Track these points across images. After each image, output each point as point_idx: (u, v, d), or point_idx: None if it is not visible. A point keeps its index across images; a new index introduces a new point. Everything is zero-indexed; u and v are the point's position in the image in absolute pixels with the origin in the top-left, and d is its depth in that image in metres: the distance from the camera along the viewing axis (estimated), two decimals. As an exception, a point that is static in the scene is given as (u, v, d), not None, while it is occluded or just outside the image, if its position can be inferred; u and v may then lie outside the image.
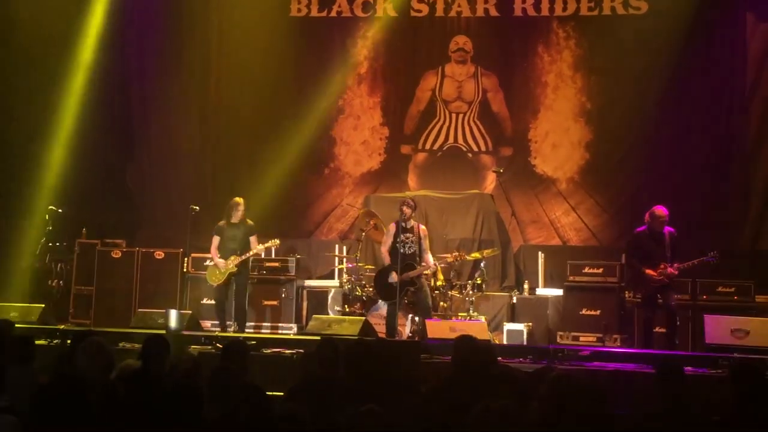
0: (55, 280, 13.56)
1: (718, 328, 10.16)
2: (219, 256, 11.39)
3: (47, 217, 12.13)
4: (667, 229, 10.46)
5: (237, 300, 11.44)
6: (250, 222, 11.59)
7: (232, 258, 11.31)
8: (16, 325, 9.52)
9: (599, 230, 14.31)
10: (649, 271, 10.36)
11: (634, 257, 10.65)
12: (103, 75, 14.69)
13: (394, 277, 10.85)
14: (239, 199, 11.54)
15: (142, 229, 14.73)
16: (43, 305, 11.48)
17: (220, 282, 11.36)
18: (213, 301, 12.02)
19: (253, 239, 11.44)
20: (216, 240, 11.51)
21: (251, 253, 11.42)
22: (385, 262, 11.19)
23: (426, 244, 11.05)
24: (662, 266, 10.33)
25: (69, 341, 9.21)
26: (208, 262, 11.62)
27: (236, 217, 11.44)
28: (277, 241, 11.74)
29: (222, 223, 11.56)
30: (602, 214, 14.34)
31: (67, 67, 14.43)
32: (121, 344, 9.30)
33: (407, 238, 10.89)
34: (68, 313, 13.14)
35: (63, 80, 14.35)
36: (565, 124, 14.54)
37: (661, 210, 10.45)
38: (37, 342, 8.86)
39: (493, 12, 14.73)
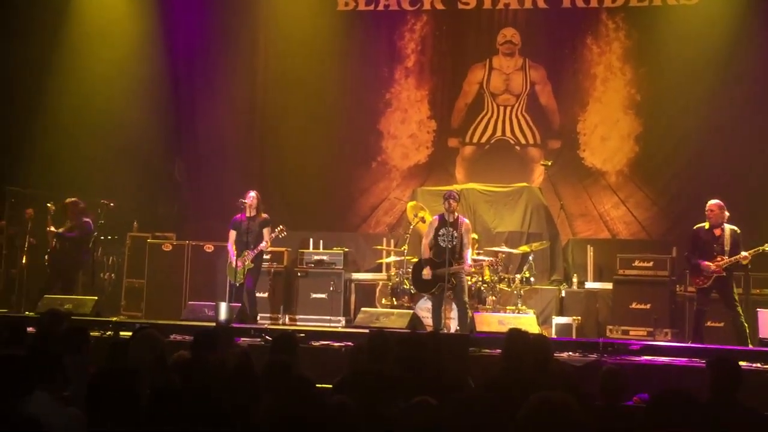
0: (107, 273, 13.78)
1: (773, 322, 10.03)
2: (234, 249, 11.47)
3: (99, 211, 12.28)
4: (730, 226, 10.36)
5: (248, 292, 11.52)
6: (264, 215, 11.64)
7: (245, 253, 11.36)
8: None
9: (649, 223, 14.17)
10: (704, 263, 10.27)
11: (691, 251, 10.56)
12: (151, 70, 14.85)
13: (426, 273, 10.81)
14: (255, 192, 11.61)
15: (191, 223, 14.86)
16: (96, 298, 11.64)
17: (241, 281, 11.42)
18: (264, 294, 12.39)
19: (266, 231, 11.49)
20: (233, 234, 11.59)
21: (263, 245, 11.45)
22: (423, 255, 11.06)
23: (468, 238, 10.87)
24: (719, 259, 10.23)
25: (130, 335, 9.36)
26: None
27: (251, 210, 11.50)
28: (282, 227, 11.56)
29: (238, 216, 11.60)
30: (652, 207, 14.19)
31: (116, 63, 14.61)
32: (171, 336, 9.38)
33: (448, 232, 10.76)
34: (119, 305, 13.33)
35: (111, 76, 14.52)
36: (614, 117, 14.41)
37: (716, 204, 10.36)
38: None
39: (542, 4, 14.65)
